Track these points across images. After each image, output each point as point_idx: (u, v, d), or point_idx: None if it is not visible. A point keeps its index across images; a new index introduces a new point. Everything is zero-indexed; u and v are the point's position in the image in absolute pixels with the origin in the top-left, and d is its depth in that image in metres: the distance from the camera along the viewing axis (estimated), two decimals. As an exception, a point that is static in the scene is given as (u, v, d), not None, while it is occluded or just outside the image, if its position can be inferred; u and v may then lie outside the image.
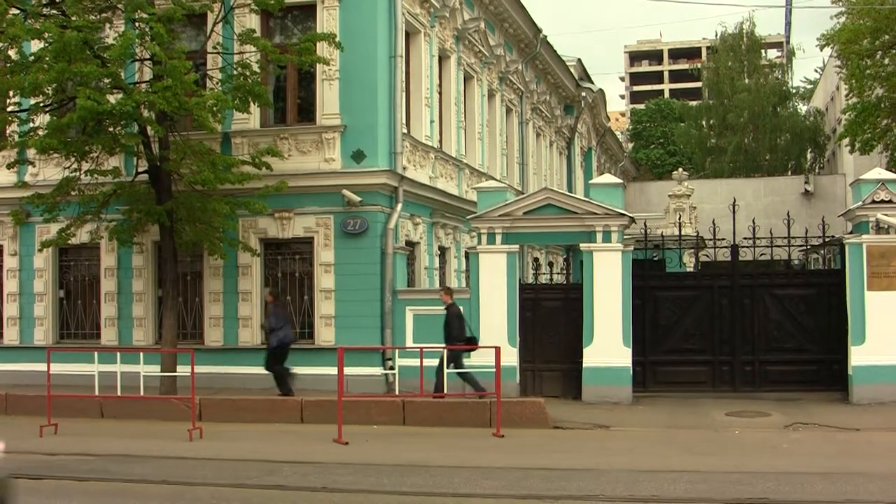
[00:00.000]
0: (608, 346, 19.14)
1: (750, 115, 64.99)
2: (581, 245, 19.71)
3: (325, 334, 20.56)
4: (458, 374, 17.97)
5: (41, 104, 18.61)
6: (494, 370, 15.74)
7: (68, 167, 19.05)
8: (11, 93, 18.79)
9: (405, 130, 21.70)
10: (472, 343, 18.25)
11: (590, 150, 46.84)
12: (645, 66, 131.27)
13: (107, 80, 17.90)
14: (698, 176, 62.06)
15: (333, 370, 15.80)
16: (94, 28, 17.97)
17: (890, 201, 18.77)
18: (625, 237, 19.71)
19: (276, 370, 19.17)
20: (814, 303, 19.85)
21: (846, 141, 39.77)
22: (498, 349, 15.93)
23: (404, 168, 21.39)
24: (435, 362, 17.58)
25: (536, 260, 23.17)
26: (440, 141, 24.93)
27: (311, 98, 21.31)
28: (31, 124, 18.88)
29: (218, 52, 19.93)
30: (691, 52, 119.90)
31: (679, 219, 27.48)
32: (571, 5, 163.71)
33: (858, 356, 18.64)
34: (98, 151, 19.02)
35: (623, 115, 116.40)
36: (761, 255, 20.68)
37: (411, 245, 22.56)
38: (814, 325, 19.81)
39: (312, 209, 20.76)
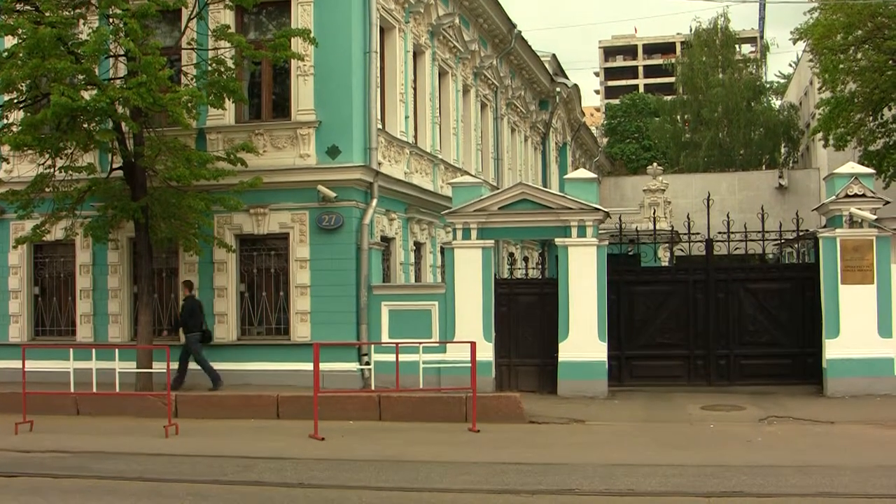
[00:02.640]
0: (583, 340, 19.20)
1: (724, 110, 65.33)
2: (556, 240, 19.76)
3: (300, 330, 20.53)
4: (197, 362, 19.80)
5: (15, 100, 18.50)
6: (470, 365, 15.79)
7: (42, 164, 18.94)
8: (-15, 89, 18.68)
9: (380, 126, 21.69)
10: (206, 336, 20.23)
11: (565, 145, 46.92)
12: (619, 62, 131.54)
13: (81, 77, 17.84)
14: (673, 171, 62.26)
15: (309, 366, 15.81)
16: (68, 24, 17.88)
17: (863, 195, 18.91)
18: (600, 232, 19.78)
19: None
20: (788, 297, 19.99)
21: (820, 135, 39.90)
22: (473, 344, 15.98)
23: (379, 164, 21.38)
24: (411, 357, 17.13)
25: (512, 255, 23.23)
26: (415, 136, 24.93)
27: (285, 94, 21.27)
28: (5, 120, 18.81)
29: (192, 47, 19.88)
30: (666, 48, 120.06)
31: (654, 213, 27.66)
32: (545, 0, 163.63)
33: (832, 350, 18.80)
34: (72, 148, 18.92)
35: (598, 110, 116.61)
36: (736, 249, 20.77)
37: (387, 240, 22.54)
38: (788, 319, 19.96)
39: (288, 205, 20.72)
